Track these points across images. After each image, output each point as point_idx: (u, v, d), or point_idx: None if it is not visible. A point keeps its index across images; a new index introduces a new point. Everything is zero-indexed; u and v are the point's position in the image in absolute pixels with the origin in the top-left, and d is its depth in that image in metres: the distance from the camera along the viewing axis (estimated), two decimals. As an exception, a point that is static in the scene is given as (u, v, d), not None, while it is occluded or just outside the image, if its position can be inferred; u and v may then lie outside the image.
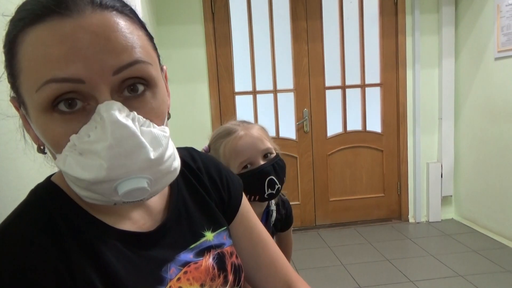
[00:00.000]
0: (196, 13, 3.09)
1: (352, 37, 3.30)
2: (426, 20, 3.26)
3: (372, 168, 3.44)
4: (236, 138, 1.03)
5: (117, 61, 0.44)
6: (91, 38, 0.42)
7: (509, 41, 2.72)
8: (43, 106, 0.44)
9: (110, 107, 0.43)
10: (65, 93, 0.43)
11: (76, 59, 0.42)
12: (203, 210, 0.63)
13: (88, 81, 0.43)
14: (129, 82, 0.45)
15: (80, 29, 0.42)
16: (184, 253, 0.57)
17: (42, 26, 0.43)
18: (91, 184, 0.44)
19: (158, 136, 0.46)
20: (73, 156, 0.44)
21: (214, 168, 0.69)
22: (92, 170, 0.43)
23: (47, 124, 0.45)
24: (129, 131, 0.43)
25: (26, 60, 0.43)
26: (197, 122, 3.12)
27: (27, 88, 0.44)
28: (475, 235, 3.09)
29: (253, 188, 1.02)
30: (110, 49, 0.43)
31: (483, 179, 3.10)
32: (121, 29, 0.45)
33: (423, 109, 3.35)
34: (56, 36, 0.42)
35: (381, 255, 2.80)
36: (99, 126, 0.43)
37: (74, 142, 0.44)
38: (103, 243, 0.50)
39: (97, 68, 0.43)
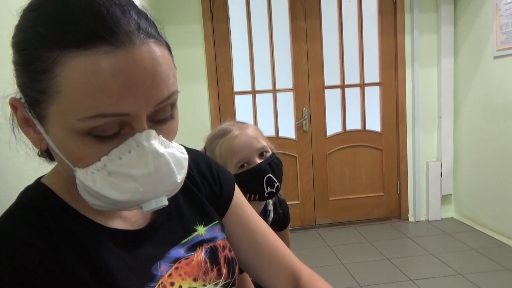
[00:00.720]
0: (195, 13, 3.09)
1: (351, 36, 3.30)
2: (425, 19, 3.26)
3: (371, 167, 3.44)
4: (232, 137, 1.03)
5: (160, 95, 0.45)
6: (142, 74, 0.43)
7: (508, 39, 2.72)
8: (79, 132, 0.44)
9: (149, 137, 0.45)
10: (107, 124, 0.44)
11: (128, 95, 0.43)
12: (194, 205, 0.64)
13: (133, 114, 0.44)
14: (162, 113, 0.48)
15: (132, 63, 0.43)
16: (175, 249, 0.57)
17: (93, 54, 0.41)
18: (119, 203, 0.47)
19: (180, 159, 0.49)
20: (102, 175, 0.45)
21: (204, 162, 0.70)
22: (127, 193, 0.46)
23: (77, 144, 0.45)
24: (165, 159, 0.46)
25: (72, 85, 0.42)
26: (196, 122, 3.12)
27: (65, 112, 0.43)
28: (475, 233, 3.09)
29: (252, 187, 1.02)
30: (156, 84, 0.45)
31: (483, 178, 3.10)
32: (163, 62, 0.46)
33: (423, 108, 3.35)
34: (109, 69, 0.42)
35: (381, 254, 2.80)
36: (133, 151, 0.45)
37: (104, 163, 0.45)
38: (94, 242, 0.50)
39: (143, 103, 0.44)
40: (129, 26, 0.43)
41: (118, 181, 0.45)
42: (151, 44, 0.45)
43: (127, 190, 0.45)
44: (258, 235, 0.70)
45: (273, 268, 0.69)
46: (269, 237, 0.71)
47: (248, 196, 1.03)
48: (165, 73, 0.46)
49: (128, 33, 0.43)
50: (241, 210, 0.71)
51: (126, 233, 0.54)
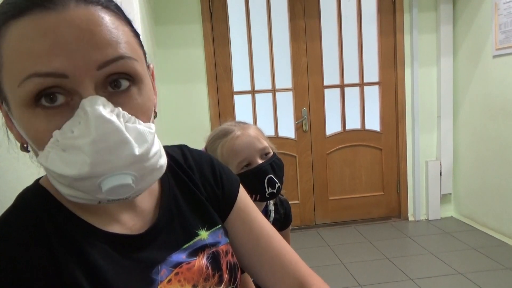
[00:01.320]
0: (194, 13, 3.09)
1: (350, 35, 3.30)
2: (424, 18, 3.26)
3: (371, 166, 3.45)
4: (233, 138, 1.03)
5: (102, 56, 0.43)
6: (75, 32, 0.42)
7: (507, 39, 2.73)
8: (25, 102, 0.43)
9: (95, 102, 0.42)
10: (48, 88, 0.42)
11: (59, 53, 0.41)
12: (196, 209, 0.62)
13: (71, 75, 0.42)
14: (113, 78, 0.45)
15: (63, 22, 0.42)
16: (177, 254, 0.56)
17: (25, 20, 0.42)
18: (74, 181, 0.43)
19: (144, 132, 0.45)
20: (55, 152, 0.43)
21: (207, 164, 0.67)
22: (75, 166, 0.42)
23: (30, 120, 0.44)
24: (114, 126, 0.42)
25: (8, 54, 0.42)
26: (196, 122, 3.12)
27: (9, 82, 0.43)
28: (475, 232, 3.09)
29: (254, 187, 1.01)
30: (94, 43, 0.42)
31: (482, 177, 3.10)
32: (105, 23, 0.44)
33: (422, 107, 3.35)
34: (39, 29, 0.41)
35: (381, 254, 2.80)
36: (82, 121, 0.42)
37: (57, 138, 0.43)
38: (91, 246, 0.49)
39: (81, 62, 0.42)
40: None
41: (70, 155, 0.42)
42: (91, 7, 0.43)
43: (75, 163, 0.42)
44: (262, 241, 0.66)
45: (277, 276, 0.65)
46: (274, 243, 0.66)
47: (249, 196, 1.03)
48: (109, 34, 0.43)
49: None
50: (244, 213, 0.68)
51: (125, 237, 0.53)
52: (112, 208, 0.54)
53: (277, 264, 0.65)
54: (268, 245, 0.66)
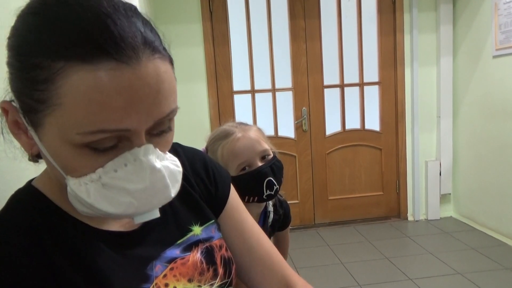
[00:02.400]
0: (194, 12, 3.08)
1: (350, 35, 3.30)
2: (424, 18, 3.26)
3: (371, 166, 3.45)
4: (234, 140, 1.03)
5: (161, 113, 0.45)
6: (146, 91, 0.43)
7: (507, 39, 2.73)
8: (76, 144, 0.43)
9: (147, 152, 0.45)
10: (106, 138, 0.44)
11: (131, 112, 0.42)
12: (189, 205, 0.63)
13: (133, 130, 0.44)
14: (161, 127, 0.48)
15: (137, 80, 0.42)
16: (171, 250, 0.57)
17: (98, 70, 0.40)
18: (111, 215, 0.46)
19: (174, 172, 0.49)
20: (96, 187, 0.45)
21: (200, 161, 0.69)
22: (121, 206, 0.45)
23: (72, 155, 0.44)
24: (161, 175, 0.46)
25: (74, 98, 0.41)
26: (195, 121, 3.12)
27: (64, 124, 0.42)
28: (474, 233, 3.10)
29: (252, 189, 1.02)
30: (158, 101, 0.44)
31: (482, 177, 3.10)
32: (167, 79, 0.45)
33: (422, 107, 3.35)
34: (115, 86, 0.41)
35: (380, 253, 2.80)
36: (130, 165, 0.45)
37: (99, 175, 0.45)
38: (86, 245, 0.50)
39: (145, 119, 0.44)
40: (135, 40, 0.42)
41: (112, 194, 0.45)
42: (157, 59, 0.44)
43: (121, 204, 0.45)
44: (252, 240, 0.68)
45: (265, 274, 0.68)
46: (263, 243, 0.69)
47: (247, 198, 1.03)
48: (168, 90, 0.45)
49: (134, 48, 0.42)
50: (236, 212, 0.70)
51: (119, 235, 0.54)
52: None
53: (266, 264, 0.68)
54: (258, 245, 0.69)
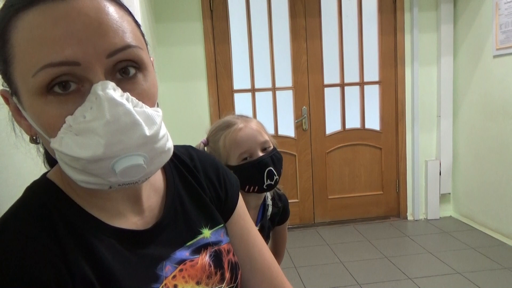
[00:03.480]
0: (195, 11, 3.08)
1: (351, 34, 3.30)
2: (425, 18, 3.26)
3: (370, 166, 3.45)
4: (236, 130, 1.06)
5: (111, 45, 0.45)
6: (84, 20, 0.43)
7: (507, 38, 2.72)
8: (38, 90, 0.44)
9: (106, 86, 0.44)
10: (60, 76, 0.44)
11: (71, 42, 0.43)
12: (200, 207, 0.63)
13: (83, 63, 0.43)
14: (121, 65, 0.47)
15: (73, 11, 0.43)
16: (180, 251, 0.57)
17: (35, 10, 0.43)
18: (88, 163, 0.44)
19: (152, 115, 0.47)
20: (69, 136, 0.44)
21: (212, 166, 0.69)
22: (90, 148, 0.43)
23: (42, 107, 0.45)
24: (125, 108, 0.44)
25: (21, 44, 0.44)
26: (195, 120, 3.12)
27: (22, 73, 0.44)
28: (473, 232, 3.10)
29: (252, 179, 1.05)
30: (103, 32, 0.44)
31: (482, 177, 3.10)
32: (112, 13, 0.45)
33: (422, 107, 3.35)
34: (50, 18, 0.43)
35: (380, 253, 2.80)
36: (94, 106, 0.44)
37: (69, 123, 0.44)
38: (98, 240, 0.50)
39: (92, 50, 0.43)
40: None
41: (83, 139, 0.44)
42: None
43: (89, 145, 0.43)
44: (255, 250, 0.69)
45: (264, 286, 0.68)
46: (265, 254, 0.70)
47: (247, 187, 1.06)
48: (116, 24, 0.45)
49: None
50: (242, 220, 0.70)
51: (131, 232, 0.54)
52: (119, 204, 0.55)
53: (266, 274, 0.69)
54: (260, 255, 0.69)
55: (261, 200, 1.16)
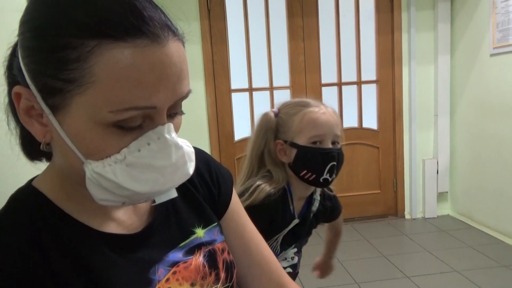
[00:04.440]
0: (192, 10, 3.08)
1: (348, 34, 3.30)
2: (422, 17, 3.27)
3: (368, 164, 3.45)
4: (319, 112, 1.02)
5: (182, 91, 0.47)
6: (173, 69, 0.44)
7: (504, 37, 2.73)
8: (107, 123, 0.43)
9: (170, 129, 0.47)
10: (136, 116, 0.44)
11: (160, 89, 0.44)
12: (192, 206, 0.62)
13: (159, 107, 0.45)
14: (177, 106, 0.49)
15: (166, 58, 0.44)
16: (173, 253, 0.56)
17: (131, 47, 0.41)
18: (136, 194, 0.46)
19: (189, 152, 0.50)
20: (121, 167, 0.45)
21: (203, 162, 0.68)
22: (148, 184, 0.46)
23: (99, 135, 0.44)
24: (183, 152, 0.48)
25: (108, 76, 0.41)
26: (193, 120, 3.12)
27: (96, 102, 0.42)
28: (471, 230, 3.11)
29: (315, 166, 1.01)
30: (181, 80, 0.46)
31: (479, 175, 3.11)
32: (185, 60, 0.48)
33: (419, 106, 3.36)
34: (147, 62, 0.42)
35: (378, 251, 2.81)
36: (153, 144, 0.46)
37: (124, 155, 0.45)
38: (87, 248, 0.49)
39: (170, 97, 0.45)
40: (161, 21, 0.44)
41: (137, 172, 0.45)
42: (177, 41, 0.46)
43: (148, 181, 0.46)
44: (252, 245, 0.68)
45: (262, 279, 0.68)
46: (262, 248, 0.70)
47: (304, 172, 1.01)
48: (187, 70, 0.48)
49: (163, 28, 0.44)
50: (237, 216, 0.69)
51: (121, 237, 0.53)
52: (109, 208, 0.54)
53: (264, 269, 0.68)
54: (257, 249, 0.69)
55: (309, 193, 1.11)
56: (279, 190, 1.02)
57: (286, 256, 1.13)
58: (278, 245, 1.07)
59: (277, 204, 1.01)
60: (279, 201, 1.02)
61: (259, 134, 1.07)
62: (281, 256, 1.12)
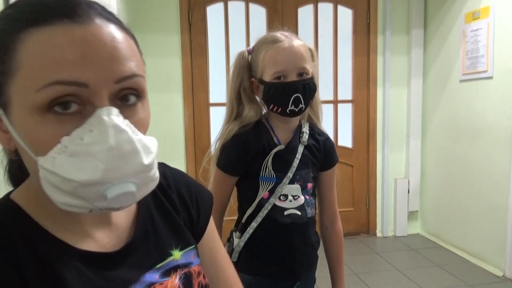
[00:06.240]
0: (173, 23, 3.09)
1: (326, 54, 3.38)
2: (397, 41, 3.39)
3: (342, 182, 3.50)
4: (279, 48, 1.06)
5: (120, 71, 0.45)
6: (99, 45, 0.44)
7: (473, 65, 2.86)
8: (39, 106, 0.43)
9: (111, 112, 0.44)
10: (66, 95, 0.43)
11: (85, 64, 0.43)
12: (171, 228, 0.61)
13: (92, 86, 0.44)
14: (124, 92, 0.47)
15: (90, 35, 0.44)
16: (150, 273, 0.55)
17: (51, 29, 0.43)
18: (81, 186, 0.43)
19: (148, 144, 0.47)
20: (63, 157, 0.43)
21: (185, 184, 0.68)
22: (87, 171, 0.43)
23: (37, 124, 0.44)
24: (127, 136, 0.44)
25: (31, 60, 0.43)
26: (169, 133, 3.09)
27: (24, 86, 0.43)
28: (439, 250, 3.18)
29: (278, 100, 1.07)
30: (115, 58, 0.45)
31: (447, 196, 3.21)
32: (124, 41, 0.47)
33: (392, 126, 3.45)
34: (68, 39, 0.43)
35: (349, 269, 2.83)
36: (96, 129, 0.43)
37: (65, 144, 0.43)
38: (63, 265, 0.48)
39: (102, 75, 0.44)
40: (90, 9, 0.45)
41: (79, 161, 0.43)
42: (111, 25, 0.46)
43: (87, 168, 0.42)
44: (220, 272, 0.69)
45: None
46: (229, 275, 0.71)
47: (271, 106, 1.09)
48: (126, 52, 0.47)
49: (89, 13, 0.45)
50: (211, 241, 0.69)
51: (99, 255, 0.52)
52: (87, 225, 0.53)
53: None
54: (225, 277, 0.70)
55: (291, 124, 1.15)
56: (249, 124, 1.11)
57: (288, 193, 1.13)
58: (271, 171, 1.11)
59: (247, 133, 1.10)
60: (250, 132, 1.11)
61: (234, 73, 1.14)
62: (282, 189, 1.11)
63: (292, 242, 1.15)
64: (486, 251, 2.83)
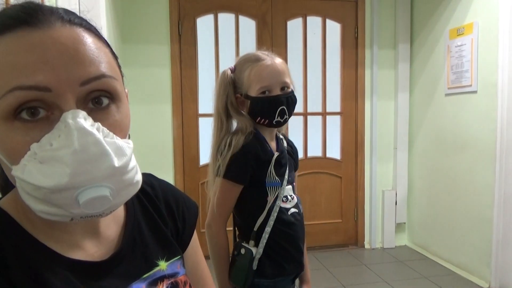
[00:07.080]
0: (163, 34, 3.10)
1: (315, 66, 3.42)
2: (384, 55, 3.45)
3: (331, 194, 3.52)
4: (263, 65, 1.16)
5: (85, 73, 0.44)
6: (60, 48, 0.43)
7: (457, 79, 2.93)
8: (4, 115, 0.43)
9: (76, 115, 0.43)
10: (30, 101, 0.42)
11: (44, 67, 0.42)
12: (158, 238, 0.62)
13: (54, 89, 0.43)
14: (94, 95, 0.46)
15: (49, 39, 0.43)
16: (136, 284, 0.55)
17: (10, 36, 0.43)
18: (51, 193, 0.42)
19: (122, 146, 0.46)
20: (33, 164, 0.42)
21: (172, 196, 0.68)
22: (54, 177, 0.42)
23: (7, 133, 0.43)
24: (94, 138, 0.43)
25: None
26: (157, 143, 3.08)
27: None
28: (426, 261, 3.20)
29: (266, 112, 1.17)
30: (78, 60, 0.44)
31: (434, 207, 3.24)
32: (89, 43, 0.46)
33: (380, 139, 3.49)
34: (24, 45, 0.43)
35: (337, 281, 2.83)
36: (63, 134, 0.42)
37: (34, 150, 0.43)
38: (52, 273, 0.47)
39: (65, 77, 0.43)
40: (51, 14, 0.45)
41: (48, 167, 0.42)
42: (75, 28, 0.46)
43: (54, 174, 0.41)
44: (200, 285, 0.70)
45: None
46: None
47: (258, 119, 1.19)
48: (92, 54, 0.45)
49: (49, 18, 0.44)
50: (194, 254, 0.70)
51: (86, 264, 0.52)
52: (76, 234, 0.53)
53: None
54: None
55: (273, 134, 1.27)
56: (250, 133, 1.18)
57: (287, 194, 1.24)
58: (274, 176, 1.20)
59: (255, 143, 1.18)
60: (255, 141, 1.19)
61: (219, 90, 1.22)
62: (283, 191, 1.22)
63: (298, 238, 1.25)
64: (472, 262, 2.86)
